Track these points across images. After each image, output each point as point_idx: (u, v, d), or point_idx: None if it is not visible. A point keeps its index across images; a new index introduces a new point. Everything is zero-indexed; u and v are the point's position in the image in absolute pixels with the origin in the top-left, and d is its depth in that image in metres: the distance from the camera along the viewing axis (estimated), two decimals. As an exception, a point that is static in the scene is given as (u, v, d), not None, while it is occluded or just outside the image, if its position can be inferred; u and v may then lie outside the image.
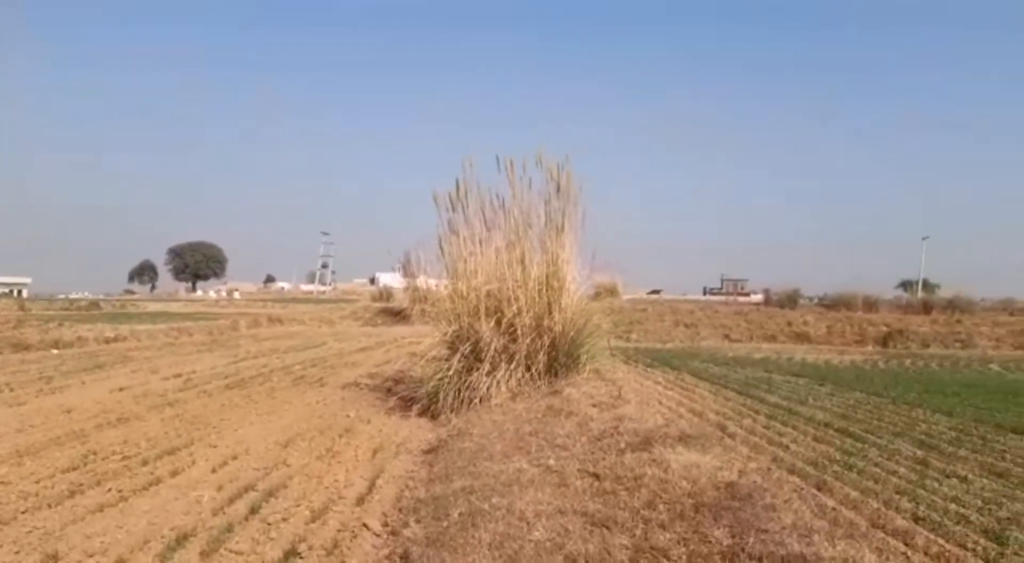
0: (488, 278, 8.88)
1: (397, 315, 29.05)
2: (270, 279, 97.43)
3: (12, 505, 4.67)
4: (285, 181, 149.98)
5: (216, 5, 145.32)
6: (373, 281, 62.02)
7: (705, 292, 63.27)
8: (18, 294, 62.17)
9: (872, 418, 9.47)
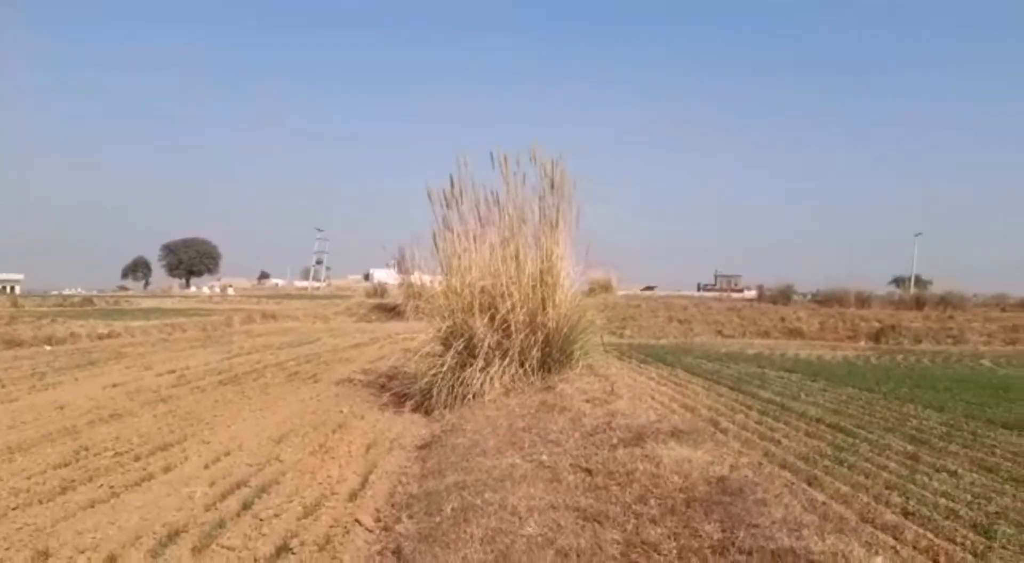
0: (482, 274, 8.88)
1: (391, 311, 29.02)
2: (264, 275, 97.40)
3: (3, 501, 4.65)
4: (279, 177, 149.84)
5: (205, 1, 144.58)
6: (367, 277, 62.10)
7: (699, 288, 63.35)
8: (11, 291, 62.01)
9: (864, 413, 9.53)
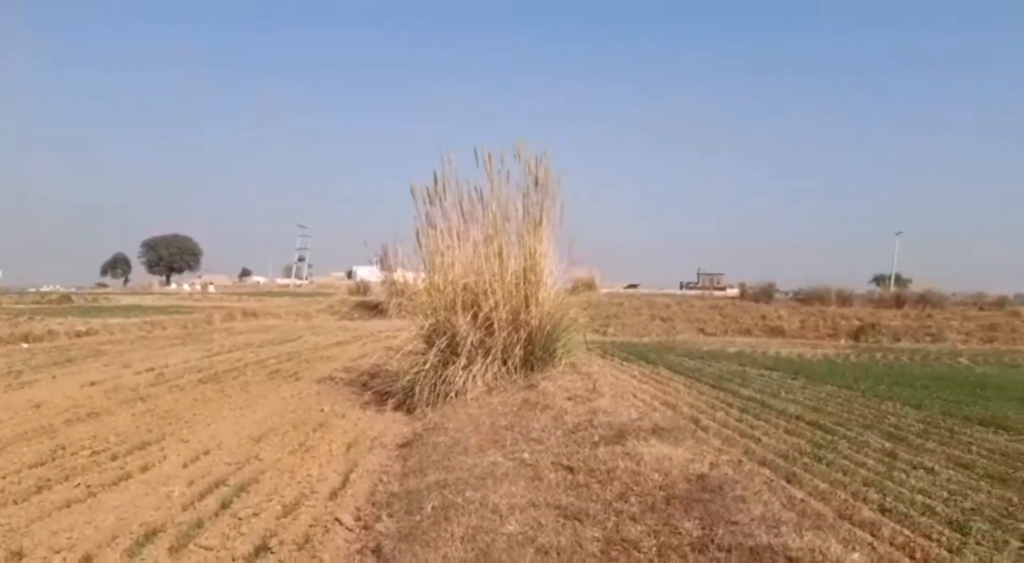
0: (465, 272, 8.86)
1: (374, 309, 28.90)
2: (245, 272, 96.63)
3: (-23, 501, 4.59)
4: (261, 173, 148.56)
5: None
6: (350, 275, 61.76)
7: (682, 286, 63.64)
8: (-13, 287, 60.94)
9: (843, 411, 9.62)
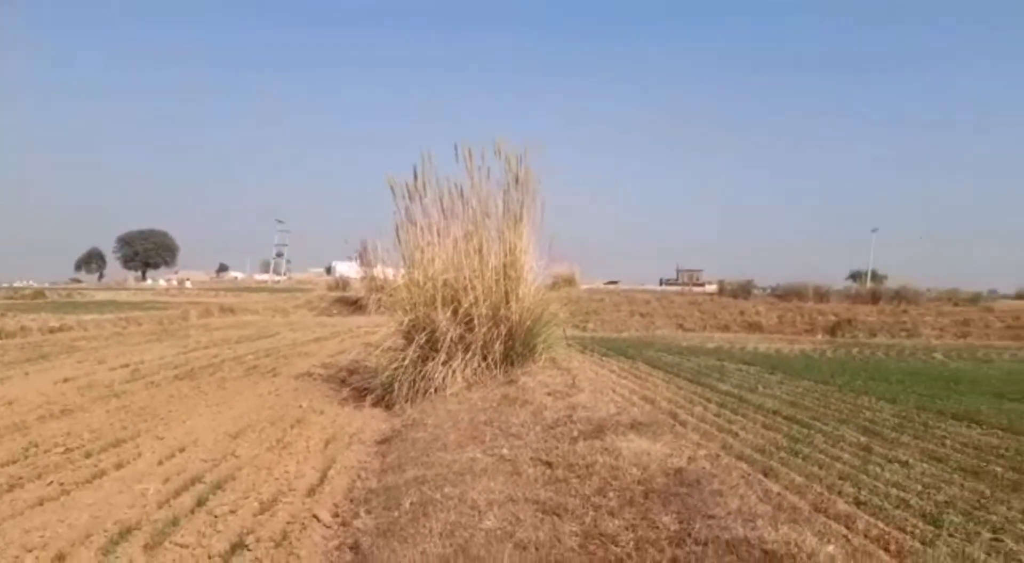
0: (445, 267, 8.84)
1: (353, 304, 28.77)
2: (223, 268, 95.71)
3: (-54, 500, 4.51)
4: (238, 167, 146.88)
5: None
6: (329, 270, 61.35)
7: (661, 283, 63.98)
8: (-43, 283, 59.80)
9: (819, 405, 9.74)
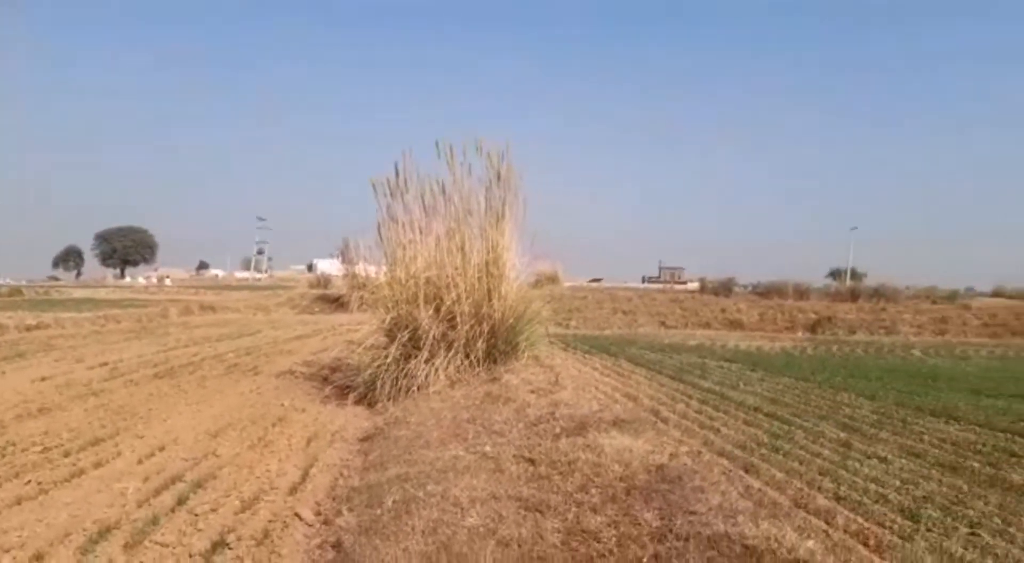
0: (427, 265, 8.81)
1: (335, 302, 28.63)
2: (203, 265, 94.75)
3: (-79, 501, 4.42)
4: (219, 164, 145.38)
5: None
6: (311, 268, 60.92)
7: (644, 280, 64.22)
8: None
9: (799, 402, 9.83)
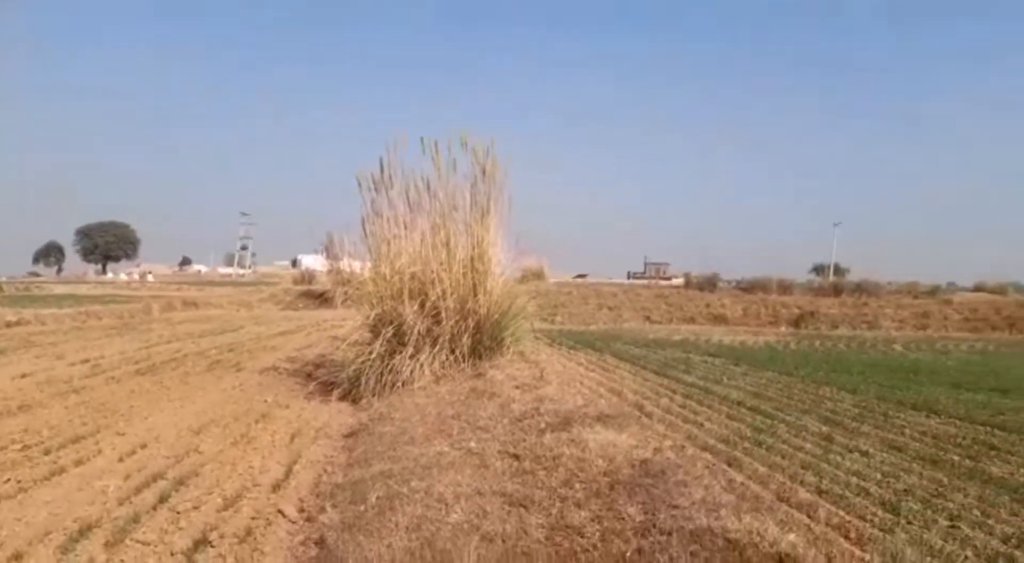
0: (412, 260, 8.81)
1: (319, 298, 28.48)
2: (186, 261, 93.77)
3: (-101, 499, 4.37)
4: (202, 158, 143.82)
5: None
6: (295, 263, 60.56)
7: (629, 276, 64.32)
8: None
9: (782, 396, 9.90)
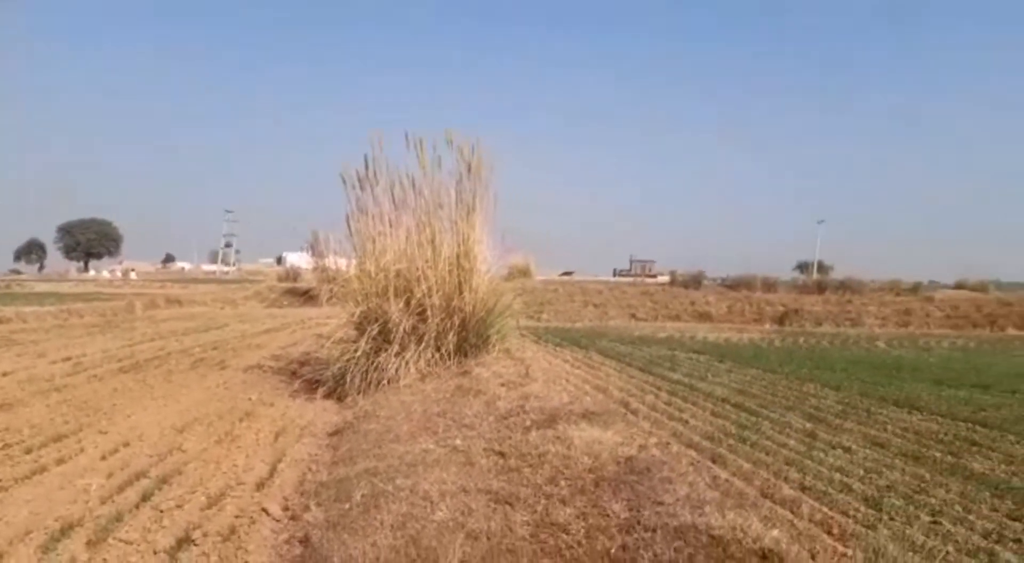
0: (397, 258, 8.77)
1: (304, 295, 28.36)
2: (169, 258, 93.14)
3: None
4: (186, 155, 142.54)
5: None
6: (280, 261, 60.24)
7: (615, 273, 64.41)
8: None
9: (766, 393, 9.97)
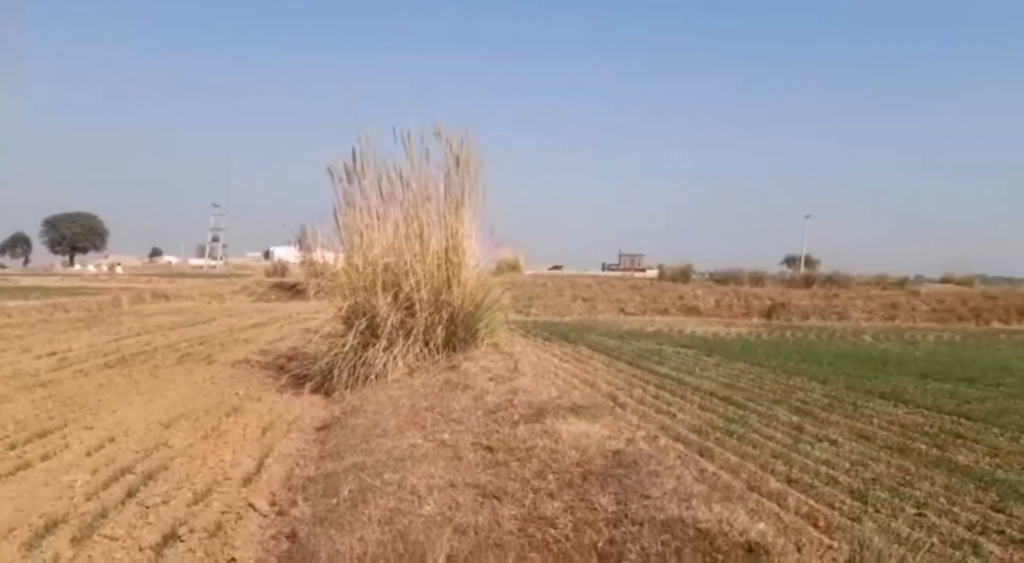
0: (385, 251, 8.74)
1: (292, 290, 28.22)
2: (156, 253, 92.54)
3: None
4: (173, 148, 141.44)
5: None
6: (268, 255, 59.90)
7: (604, 267, 64.62)
8: None
9: (754, 387, 10.03)
